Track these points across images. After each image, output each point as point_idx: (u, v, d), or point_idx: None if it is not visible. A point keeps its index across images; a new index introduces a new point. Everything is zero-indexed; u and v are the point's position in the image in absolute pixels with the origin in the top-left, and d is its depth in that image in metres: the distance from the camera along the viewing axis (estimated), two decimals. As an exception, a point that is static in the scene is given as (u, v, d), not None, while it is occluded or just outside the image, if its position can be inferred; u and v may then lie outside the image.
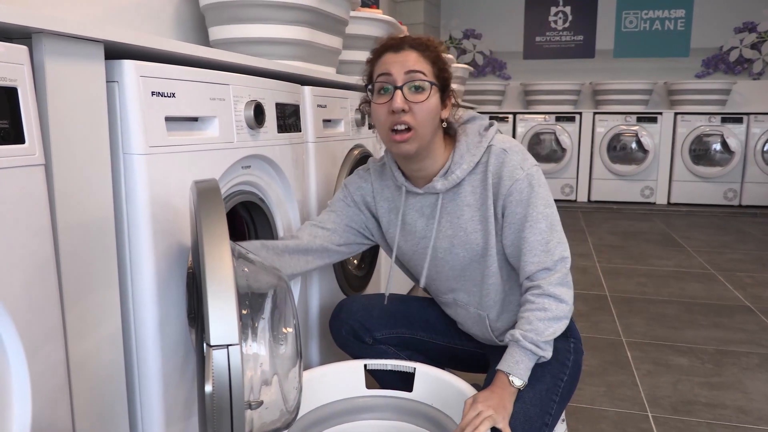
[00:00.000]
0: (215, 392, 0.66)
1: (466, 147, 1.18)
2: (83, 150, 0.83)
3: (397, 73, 1.11)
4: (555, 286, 1.12)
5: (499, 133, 1.21)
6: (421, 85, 1.11)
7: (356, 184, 1.34)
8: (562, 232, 1.16)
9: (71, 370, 0.83)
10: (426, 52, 1.13)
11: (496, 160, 1.15)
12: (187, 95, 1.00)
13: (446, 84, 1.16)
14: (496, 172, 1.15)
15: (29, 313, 0.73)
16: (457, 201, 1.19)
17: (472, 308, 1.26)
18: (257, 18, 1.64)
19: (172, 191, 0.96)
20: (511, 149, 1.16)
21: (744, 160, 5.15)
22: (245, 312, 0.84)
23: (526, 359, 1.09)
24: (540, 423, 1.10)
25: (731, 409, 1.70)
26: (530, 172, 1.14)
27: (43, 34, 0.76)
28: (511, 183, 1.13)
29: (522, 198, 1.13)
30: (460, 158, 1.18)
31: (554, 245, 1.13)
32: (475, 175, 1.18)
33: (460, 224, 1.19)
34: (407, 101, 1.11)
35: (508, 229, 1.16)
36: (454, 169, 1.18)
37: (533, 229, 1.13)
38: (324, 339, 1.62)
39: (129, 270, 0.93)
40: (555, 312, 1.11)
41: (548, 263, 1.13)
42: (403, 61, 1.11)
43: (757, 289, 2.89)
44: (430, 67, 1.13)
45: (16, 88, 0.71)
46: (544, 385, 1.14)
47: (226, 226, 0.73)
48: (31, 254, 0.73)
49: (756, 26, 5.58)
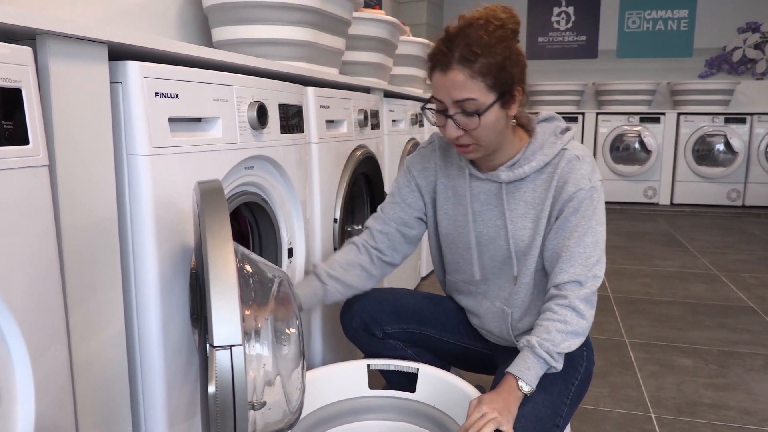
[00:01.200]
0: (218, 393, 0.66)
1: (539, 145, 1.18)
2: (87, 151, 0.83)
3: (446, 101, 1.08)
4: (581, 300, 1.12)
5: (574, 139, 1.20)
6: (474, 111, 1.07)
7: (420, 166, 1.33)
8: (604, 253, 1.16)
9: (75, 370, 0.83)
10: (476, 64, 1.04)
11: (567, 165, 1.14)
12: (191, 96, 1.00)
13: (508, 84, 1.08)
14: (563, 176, 1.14)
15: (33, 313, 0.73)
16: (516, 195, 1.19)
17: (499, 303, 1.26)
18: (260, 19, 1.64)
19: (175, 192, 0.97)
20: (584, 158, 1.15)
21: (747, 160, 5.13)
22: (248, 313, 0.84)
23: (538, 367, 1.09)
24: (551, 424, 1.10)
25: (736, 410, 1.70)
26: (595, 185, 1.14)
27: (47, 35, 0.77)
28: (574, 190, 1.13)
29: (579, 208, 1.13)
30: (532, 154, 1.17)
31: (593, 262, 1.13)
32: (542, 175, 1.17)
33: (512, 218, 1.19)
34: (460, 128, 1.09)
35: (555, 233, 1.15)
36: (523, 163, 1.17)
37: (580, 240, 1.13)
38: (328, 339, 1.62)
39: (132, 270, 0.93)
40: (574, 327, 1.11)
41: (581, 277, 1.12)
42: (450, 87, 1.06)
43: (761, 289, 2.88)
44: (482, 83, 1.05)
45: (20, 89, 0.71)
46: (556, 388, 1.14)
47: (229, 227, 0.73)
48: (35, 255, 0.73)
49: (759, 26, 5.56)
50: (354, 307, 1.35)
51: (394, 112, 2.29)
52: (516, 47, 1.10)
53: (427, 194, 1.33)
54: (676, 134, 5.27)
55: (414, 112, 2.55)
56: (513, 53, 1.08)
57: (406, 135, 2.44)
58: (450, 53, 1.06)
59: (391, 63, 2.45)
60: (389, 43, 2.29)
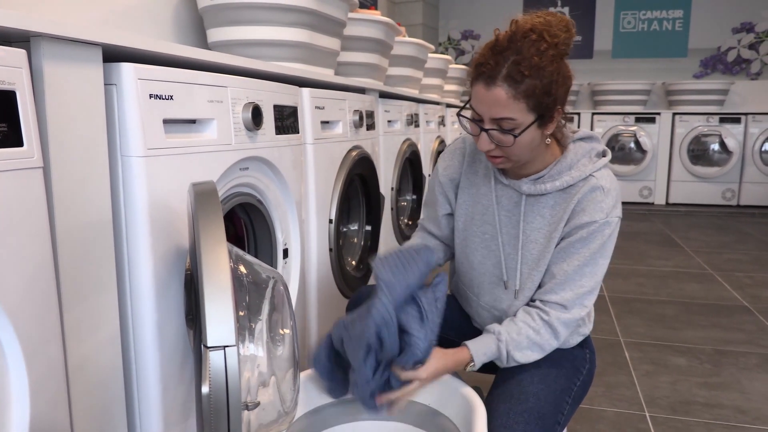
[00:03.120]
0: (212, 393, 0.66)
1: (568, 165, 1.14)
2: (82, 153, 0.84)
3: (485, 115, 1.05)
4: (561, 323, 1.12)
5: (606, 168, 1.16)
6: (510, 130, 1.04)
7: (445, 163, 1.32)
8: (598, 286, 1.15)
9: (70, 372, 0.83)
10: (522, 86, 1.00)
11: (590, 193, 1.11)
12: (185, 97, 1.00)
13: (551, 107, 1.04)
14: (583, 203, 1.12)
15: (28, 315, 0.74)
16: (535, 207, 1.17)
17: (497, 312, 1.26)
18: (255, 20, 1.64)
19: (170, 193, 0.97)
20: (609, 191, 1.12)
21: (742, 160, 5.16)
22: (243, 314, 0.85)
23: (492, 355, 1.13)
24: (553, 421, 1.11)
25: (729, 409, 1.71)
26: (611, 221, 1.11)
27: (41, 37, 0.77)
28: (588, 220, 1.11)
29: (587, 238, 1.11)
30: (558, 173, 1.14)
31: (585, 292, 1.13)
32: (563, 195, 1.15)
33: (526, 230, 1.18)
34: (493, 142, 1.07)
35: (557, 252, 1.14)
36: (547, 180, 1.14)
37: (579, 269, 1.12)
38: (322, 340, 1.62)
39: (127, 272, 0.93)
40: (543, 341, 1.12)
41: (568, 303, 1.13)
42: (492, 104, 1.02)
43: (755, 289, 2.89)
44: (524, 104, 1.01)
45: (14, 91, 0.71)
46: (559, 386, 1.15)
47: (223, 229, 0.73)
48: (30, 256, 0.74)
49: (754, 26, 5.59)
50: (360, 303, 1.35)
51: (389, 112, 2.29)
52: (565, 67, 1.05)
53: (450, 191, 1.32)
54: (672, 134, 5.29)
55: (409, 113, 2.55)
56: (561, 75, 1.03)
57: (402, 136, 2.45)
58: (497, 67, 1.01)
59: (387, 64, 2.45)
60: (384, 43, 2.30)
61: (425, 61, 2.97)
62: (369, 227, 2.03)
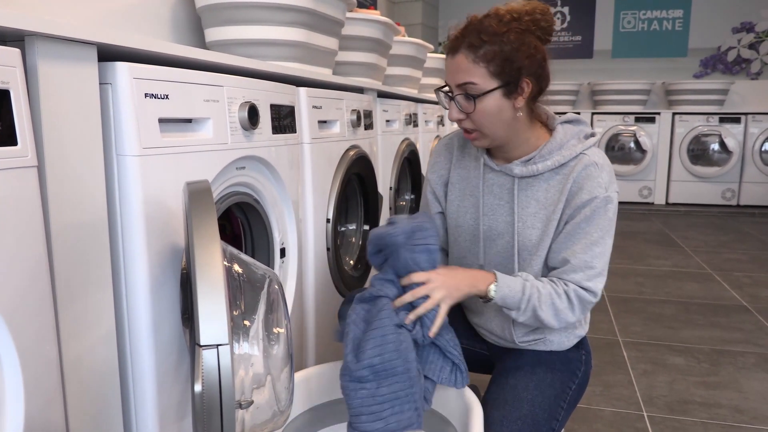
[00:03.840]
0: (205, 392, 0.66)
1: (558, 145, 1.16)
2: (76, 152, 0.84)
3: (451, 83, 1.12)
4: (578, 298, 1.12)
5: (596, 147, 1.18)
6: (472, 96, 1.09)
7: (433, 161, 1.35)
8: (607, 265, 1.15)
9: (65, 370, 0.83)
10: (481, 51, 1.07)
11: (584, 170, 1.13)
12: (181, 97, 1.00)
13: (514, 74, 1.08)
14: (579, 181, 1.13)
15: (23, 314, 0.74)
16: (528, 192, 1.18)
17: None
18: (253, 19, 1.64)
19: (165, 192, 0.97)
20: (603, 166, 1.14)
21: (742, 160, 5.16)
22: (237, 313, 0.85)
23: (514, 297, 1.11)
24: (547, 427, 1.10)
25: (727, 408, 1.71)
26: (610, 195, 1.12)
27: (35, 36, 0.77)
28: (589, 197, 1.11)
29: (592, 216, 1.12)
30: (548, 153, 1.16)
31: (595, 274, 1.12)
32: (556, 176, 1.16)
33: (522, 215, 1.19)
34: (461, 111, 1.12)
35: (564, 237, 1.14)
36: (538, 161, 1.16)
37: (587, 248, 1.12)
38: (320, 339, 1.62)
39: (123, 271, 0.93)
40: (560, 307, 1.11)
41: (582, 285, 1.13)
42: (455, 71, 1.10)
43: (754, 288, 2.89)
44: (485, 69, 1.07)
45: (8, 90, 0.71)
46: (553, 391, 1.14)
47: (216, 227, 0.73)
48: (25, 255, 0.74)
49: (754, 26, 5.58)
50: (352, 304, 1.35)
51: (387, 112, 2.29)
52: (531, 41, 1.09)
53: (438, 188, 1.34)
54: (671, 134, 5.29)
55: (408, 113, 2.56)
56: (525, 45, 1.07)
57: (400, 135, 2.45)
58: (461, 39, 1.10)
59: (385, 63, 2.45)
60: (383, 43, 2.30)
61: (424, 60, 2.97)
62: (367, 227, 2.03)
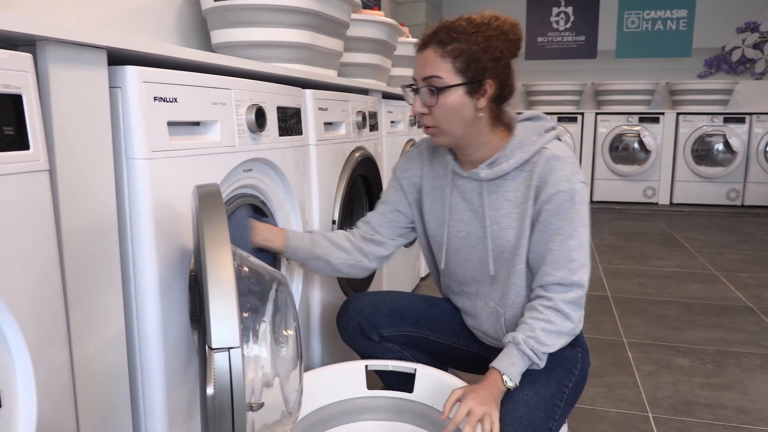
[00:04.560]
0: (216, 394, 0.67)
1: (519, 143, 1.18)
2: (87, 155, 0.84)
3: (418, 77, 1.15)
4: (567, 303, 1.13)
5: (557, 140, 1.20)
6: (436, 88, 1.12)
7: (403, 167, 1.37)
8: (588, 255, 1.16)
9: (75, 371, 0.84)
10: (449, 46, 1.10)
11: (546, 164, 1.14)
12: (189, 100, 1.01)
13: (478, 74, 1.11)
14: (543, 176, 1.14)
15: (34, 315, 0.74)
16: (499, 193, 1.20)
17: (492, 303, 1.27)
18: (258, 21, 1.65)
19: (174, 195, 0.98)
20: (564, 159, 1.15)
21: (746, 160, 5.14)
22: (246, 315, 0.85)
23: (522, 363, 1.11)
24: (544, 428, 1.11)
25: (731, 409, 1.71)
26: (575, 187, 1.13)
27: (46, 41, 0.78)
28: (553, 192, 1.13)
29: (560, 210, 1.13)
30: (511, 152, 1.18)
31: (577, 266, 1.13)
32: (521, 173, 1.18)
33: (497, 217, 1.20)
34: (425, 105, 1.14)
35: (538, 236, 1.16)
36: (501, 161, 1.18)
37: (562, 243, 1.13)
38: (326, 340, 1.63)
39: (132, 273, 0.94)
40: (559, 327, 1.12)
41: (566, 281, 1.13)
42: (422, 65, 1.13)
43: (758, 289, 2.89)
44: (451, 64, 1.10)
45: (20, 95, 0.72)
46: (549, 390, 1.14)
47: (227, 230, 0.74)
48: (36, 258, 0.74)
49: (758, 26, 5.57)
50: (349, 311, 1.36)
51: (392, 113, 2.30)
52: (499, 45, 1.12)
53: (411, 194, 1.35)
54: (675, 134, 5.28)
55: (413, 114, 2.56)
56: (492, 48, 1.11)
57: (405, 136, 2.45)
58: (432, 36, 1.13)
59: (390, 64, 2.46)
60: (387, 44, 2.30)
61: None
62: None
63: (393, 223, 1.36)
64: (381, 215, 1.36)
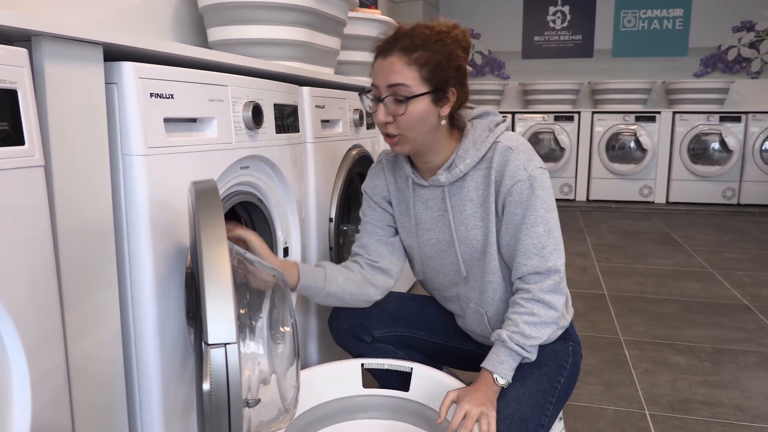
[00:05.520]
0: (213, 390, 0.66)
1: (472, 142, 1.18)
2: (83, 151, 0.84)
3: (381, 85, 1.12)
4: (546, 292, 1.13)
5: (508, 131, 1.19)
6: (403, 97, 1.10)
7: (371, 184, 1.35)
8: (560, 238, 1.15)
9: (71, 370, 0.83)
10: (414, 54, 1.09)
11: (500, 157, 1.14)
12: (186, 96, 1.01)
13: (443, 82, 1.11)
14: (500, 169, 1.14)
15: (30, 313, 0.74)
16: (461, 195, 1.20)
17: (473, 304, 1.27)
18: (256, 19, 1.64)
19: (171, 192, 0.97)
20: (517, 148, 1.14)
21: (742, 159, 5.15)
22: (243, 312, 0.85)
23: (511, 360, 1.11)
24: (536, 424, 1.11)
25: (729, 407, 1.71)
26: (533, 173, 1.13)
27: (42, 36, 0.77)
28: (512, 183, 1.13)
29: (522, 199, 1.13)
30: (465, 152, 1.17)
31: (549, 251, 1.13)
32: (479, 171, 1.17)
33: (462, 219, 1.20)
34: (389, 113, 1.12)
35: (506, 228, 1.16)
36: (458, 162, 1.18)
37: (530, 231, 1.13)
38: (323, 338, 1.63)
39: (128, 271, 0.94)
40: (543, 317, 1.12)
41: (541, 268, 1.13)
42: (387, 72, 1.10)
43: (755, 287, 2.89)
44: (417, 73, 1.09)
45: (16, 90, 0.71)
46: (540, 387, 1.14)
47: (224, 227, 0.74)
48: (32, 255, 0.74)
49: (754, 25, 5.58)
50: (340, 314, 1.36)
51: (389, 111, 2.29)
52: (458, 53, 1.12)
53: (387, 208, 1.34)
54: (672, 133, 5.29)
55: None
56: (452, 58, 1.11)
57: (402, 134, 2.45)
58: (393, 43, 1.11)
59: (387, 63, 2.45)
60: (385, 42, 2.30)
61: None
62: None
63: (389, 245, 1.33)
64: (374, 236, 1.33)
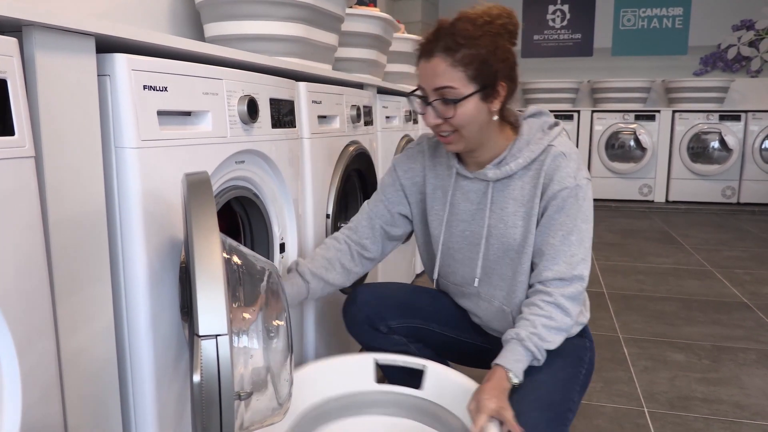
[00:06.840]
0: (204, 382, 0.66)
1: (526, 141, 1.17)
2: (75, 143, 0.83)
3: (428, 88, 1.11)
4: (567, 298, 1.12)
5: (561, 135, 1.19)
6: (452, 99, 1.09)
7: (405, 166, 1.34)
8: (589, 251, 1.16)
9: (63, 365, 0.82)
10: (458, 54, 1.06)
11: (552, 161, 1.14)
12: (180, 89, 1.00)
13: (490, 78, 1.09)
14: (550, 173, 1.14)
15: (20, 307, 0.73)
16: (505, 193, 1.19)
17: (497, 302, 1.25)
18: (252, 14, 1.63)
19: (164, 185, 0.96)
20: (570, 155, 1.15)
21: (742, 157, 5.15)
22: (236, 305, 0.84)
23: (525, 360, 1.10)
24: (565, 408, 1.10)
25: (728, 404, 1.70)
26: (580, 183, 1.13)
27: (33, 26, 0.76)
28: (559, 188, 1.13)
29: (564, 206, 1.13)
30: (518, 151, 1.17)
31: (578, 261, 1.13)
32: (529, 171, 1.17)
33: (502, 216, 1.19)
34: (438, 116, 1.11)
35: (540, 230, 1.16)
36: (509, 161, 1.17)
37: (564, 239, 1.13)
38: (321, 333, 1.62)
39: (121, 264, 0.93)
40: (559, 323, 1.12)
41: (566, 275, 1.13)
42: (432, 75, 1.09)
43: (754, 285, 2.89)
44: (463, 73, 1.07)
45: (5, 80, 0.70)
46: (565, 374, 1.15)
47: (215, 218, 0.73)
48: (22, 248, 0.73)
49: (754, 24, 5.58)
50: (358, 302, 1.35)
51: (387, 108, 2.29)
52: (504, 44, 1.11)
53: (412, 194, 1.33)
54: (671, 132, 5.28)
55: (408, 109, 2.55)
56: (499, 49, 1.09)
57: (400, 132, 2.44)
58: (435, 42, 1.09)
59: (385, 60, 2.45)
60: (383, 39, 2.29)
61: (424, 57, 2.96)
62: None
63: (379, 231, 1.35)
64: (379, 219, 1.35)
